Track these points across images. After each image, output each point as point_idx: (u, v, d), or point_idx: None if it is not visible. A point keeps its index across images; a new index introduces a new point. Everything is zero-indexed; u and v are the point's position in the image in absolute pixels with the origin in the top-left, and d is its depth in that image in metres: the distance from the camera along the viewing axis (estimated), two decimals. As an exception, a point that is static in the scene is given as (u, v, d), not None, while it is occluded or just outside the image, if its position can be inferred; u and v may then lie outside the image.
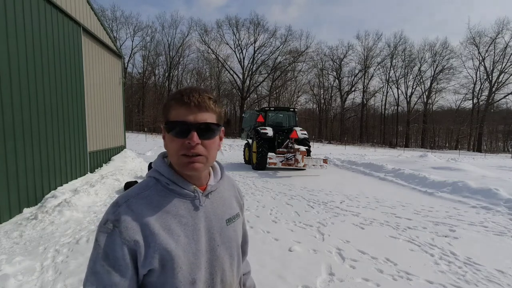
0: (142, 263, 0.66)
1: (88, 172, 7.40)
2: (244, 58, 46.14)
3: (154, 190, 0.74)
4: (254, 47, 45.48)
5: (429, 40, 65.47)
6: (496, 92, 40.37)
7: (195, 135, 0.69)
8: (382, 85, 49.69)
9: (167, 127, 0.72)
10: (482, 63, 41.07)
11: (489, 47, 39.97)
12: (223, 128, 0.79)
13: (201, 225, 0.75)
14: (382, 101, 51.30)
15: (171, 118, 0.71)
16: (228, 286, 0.80)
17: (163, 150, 0.84)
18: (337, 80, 50.30)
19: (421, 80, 46.39)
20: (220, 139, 0.79)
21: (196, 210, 0.76)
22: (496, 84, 39.92)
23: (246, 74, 45.77)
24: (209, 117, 0.72)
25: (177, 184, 0.74)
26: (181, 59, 47.17)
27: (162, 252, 0.67)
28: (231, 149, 19.44)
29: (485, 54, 40.65)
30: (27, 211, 4.72)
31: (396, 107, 49.74)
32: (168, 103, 0.73)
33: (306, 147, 10.26)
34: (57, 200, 4.92)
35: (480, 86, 42.25)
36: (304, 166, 9.69)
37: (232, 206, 0.87)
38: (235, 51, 46.63)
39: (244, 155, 13.09)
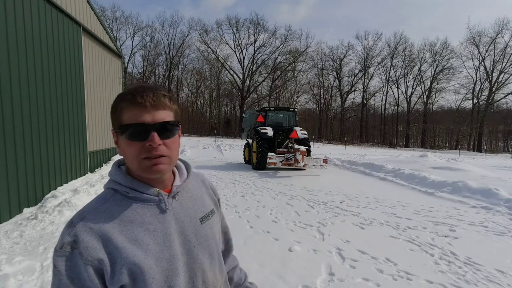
0: (110, 281, 0.62)
1: (88, 172, 7.41)
2: (244, 58, 46.21)
3: (113, 202, 0.69)
4: (254, 47, 45.57)
5: (429, 40, 65.43)
6: (496, 92, 40.37)
7: (156, 136, 0.65)
8: (382, 85, 49.77)
9: (121, 131, 0.67)
10: (482, 63, 41.10)
11: (489, 47, 39.99)
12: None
13: (172, 229, 0.71)
14: (382, 101, 51.38)
15: (125, 121, 0.66)
16: (211, 286, 0.78)
17: None
18: (337, 80, 50.33)
19: (421, 80, 46.42)
20: (179, 136, 0.74)
21: (163, 213, 0.71)
22: (496, 84, 39.93)
23: (246, 74, 45.79)
24: (167, 116, 0.69)
25: (138, 191, 0.70)
26: (181, 59, 47.23)
27: (130, 266, 0.63)
28: (231, 149, 19.43)
29: (485, 54, 40.67)
30: (27, 211, 4.72)
31: (396, 107, 49.76)
32: (118, 105, 0.67)
33: (306, 147, 10.26)
34: (57, 200, 4.92)
35: (480, 86, 42.28)
36: (304, 166, 9.69)
37: (204, 204, 0.83)
38: (235, 51, 46.72)
39: (244, 155, 13.09)
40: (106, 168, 8.21)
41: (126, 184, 0.70)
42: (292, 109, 12.58)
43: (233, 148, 19.94)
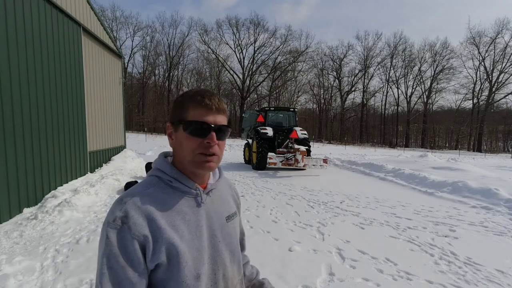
0: (150, 258, 0.68)
1: (88, 172, 7.40)
2: (244, 58, 46.15)
3: (157, 188, 0.76)
4: (254, 47, 45.50)
5: (429, 40, 65.44)
6: (496, 92, 40.37)
7: (214, 136, 0.74)
8: (382, 85, 49.76)
9: (184, 126, 0.74)
10: (482, 63, 41.10)
11: (489, 47, 39.99)
12: None
13: (203, 222, 0.78)
14: (382, 101, 51.36)
15: (190, 118, 0.74)
16: (230, 281, 0.83)
17: (163, 150, 0.84)
18: (337, 80, 50.32)
19: (421, 80, 46.41)
20: None
21: (198, 207, 0.78)
22: (496, 84, 39.93)
23: (246, 74, 45.76)
24: (224, 120, 0.78)
25: (181, 182, 0.77)
26: (181, 59, 47.19)
27: (169, 247, 0.69)
28: (231, 149, 19.44)
29: (485, 54, 40.67)
30: (27, 211, 4.72)
31: (396, 107, 49.75)
32: (185, 103, 0.76)
33: (306, 147, 10.26)
34: (57, 200, 4.92)
35: (480, 86, 42.28)
36: (304, 166, 9.69)
37: (230, 205, 0.91)
38: (235, 51, 46.64)
39: (244, 155, 13.09)
40: (106, 168, 8.20)
41: (171, 174, 0.77)
42: (292, 109, 12.58)
43: (233, 148, 19.95)
